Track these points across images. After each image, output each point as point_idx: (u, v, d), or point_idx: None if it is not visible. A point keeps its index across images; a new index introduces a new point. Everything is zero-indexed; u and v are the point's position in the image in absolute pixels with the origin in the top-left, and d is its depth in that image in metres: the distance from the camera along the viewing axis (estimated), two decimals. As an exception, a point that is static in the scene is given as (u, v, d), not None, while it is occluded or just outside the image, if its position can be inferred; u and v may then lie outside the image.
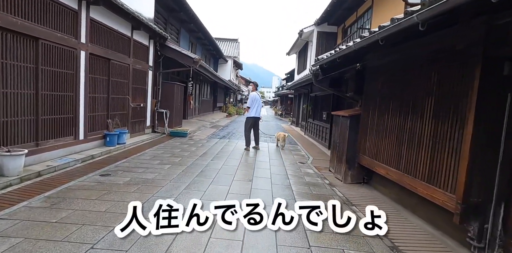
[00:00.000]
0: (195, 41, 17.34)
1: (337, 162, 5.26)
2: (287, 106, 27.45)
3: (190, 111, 14.39)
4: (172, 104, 9.56)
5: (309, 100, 11.90)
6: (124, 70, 6.94)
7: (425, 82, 3.23)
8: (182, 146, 7.23)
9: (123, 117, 7.03)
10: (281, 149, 7.89)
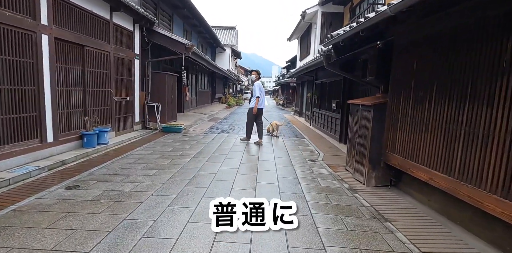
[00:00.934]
0: (190, 29, 16.21)
1: (356, 160, 4.38)
2: (288, 96, 26.43)
3: (186, 103, 13.46)
4: (164, 97, 8.64)
5: (314, 88, 10.93)
6: (103, 59, 5.99)
7: (494, 58, 2.30)
8: (175, 144, 6.37)
9: (105, 113, 6.14)
10: (277, 138, 7.80)
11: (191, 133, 8.09)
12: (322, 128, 9.40)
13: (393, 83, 3.81)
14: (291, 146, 6.73)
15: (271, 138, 7.78)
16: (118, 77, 6.62)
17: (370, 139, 3.99)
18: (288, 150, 6.30)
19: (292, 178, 4.20)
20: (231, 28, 28.01)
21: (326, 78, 9.10)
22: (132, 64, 7.25)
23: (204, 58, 10.60)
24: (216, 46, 23.47)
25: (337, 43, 4.29)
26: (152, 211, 2.86)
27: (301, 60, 15.04)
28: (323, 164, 5.19)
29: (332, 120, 8.21)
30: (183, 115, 11.74)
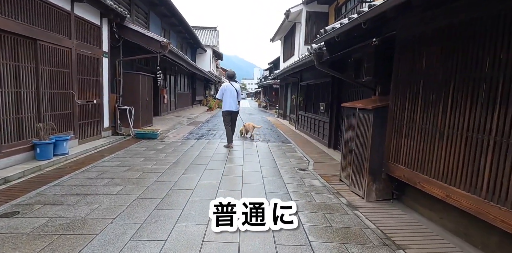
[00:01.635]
0: (168, 28, 15.42)
1: (353, 171, 3.90)
2: (271, 98, 26.04)
3: (165, 106, 12.67)
4: (138, 100, 7.88)
5: (299, 90, 10.50)
6: (62, 56, 5.21)
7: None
8: (148, 153, 5.66)
9: (65, 119, 5.34)
10: (252, 140, 7.68)
11: (168, 139, 7.38)
12: (308, 132, 8.95)
13: (396, 84, 3.36)
14: (277, 153, 6.20)
15: (255, 144, 7.22)
16: (82, 77, 5.84)
17: (370, 147, 3.52)
18: (275, 157, 5.76)
19: (283, 193, 3.64)
20: (212, 29, 27.32)
21: (313, 80, 8.67)
22: (100, 63, 6.48)
23: (183, 58, 9.91)
24: (196, 47, 22.71)
25: (331, 39, 3.80)
26: (107, 249, 2.21)
27: (284, 61, 14.62)
28: (315, 174, 4.68)
29: (319, 124, 7.77)
30: (161, 119, 10.96)
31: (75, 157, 5.04)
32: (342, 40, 3.88)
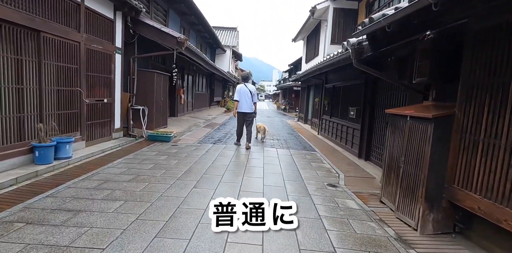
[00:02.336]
0: (188, 27, 15.08)
1: (401, 193, 3.16)
2: (291, 100, 25.28)
3: (181, 107, 12.25)
4: (152, 99, 7.42)
5: (323, 93, 9.75)
6: (70, 50, 4.78)
7: None
8: (158, 158, 5.13)
9: (71, 118, 4.91)
10: (262, 141, 7.57)
11: (182, 143, 6.86)
12: (334, 139, 8.18)
13: (467, 88, 2.61)
14: (302, 163, 5.51)
15: (276, 150, 6.56)
16: (92, 74, 5.41)
17: (427, 167, 2.78)
18: (300, 168, 5.07)
19: (313, 219, 2.96)
20: (232, 29, 26.94)
21: (340, 82, 7.92)
22: (112, 59, 6.05)
23: (201, 56, 9.41)
24: (216, 47, 22.36)
25: (378, 30, 3.09)
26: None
27: (307, 63, 13.88)
28: (348, 192, 3.97)
29: (348, 131, 7.00)
30: (176, 120, 10.52)
31: (78, 161, 4.57)
32: (388, 34, 3.17)
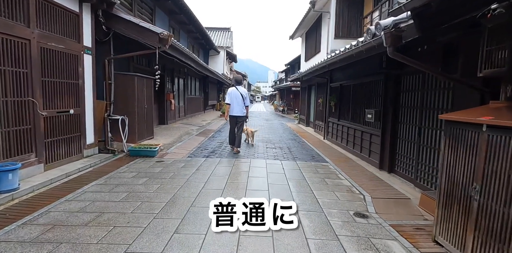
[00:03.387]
0: (178, 27, 14.07)
1: (480, 238, 2.14)
2: (289, 101, 24.29)
3: (172, 113, 11.20)
4: (133, 107, 6.38)
5: (328, 93, 8.74)
6: (15, 50, 3.74)
7: None
8: (136, 183, 4.08)
9: (23, 136, 3.86)
10: (252, 146, 7.25)
11: (169, 158, 5.80)
12: (344, 145, 7.17)
13: None
14: (315, 180, 4.48)
15: (280, 163, 5.54)
16: (51, 80, 4.36)
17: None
18: (313, 188, 4.05)
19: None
20: (226, 30, 26.00)
21: (349, 80, 6.92)
22: (79, 61, 5.00)
23: (190, 56, 8.38)
24: (209, 48, 21.37)
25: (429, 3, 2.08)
26: None
27: (307, 61, 12.90)
28: (385, 225, 2.94)
29: (364, 137, 5.99)
30: (166, 129, 9.46)
31: (29, 193, 3.52)
32: (443, 8, 2.16)
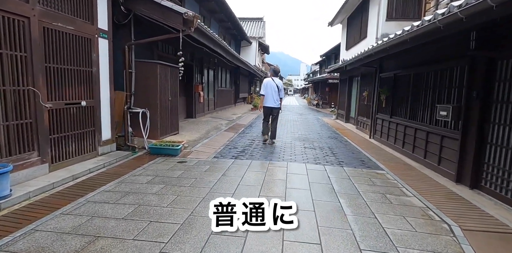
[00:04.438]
0: (209, 16, 13.35)
1: None
2: (324, 95, 22.84)
3: (201, 106, 10.56)
4: (155, 99, 5.71)
5: (377, 85, 7.50)
6: (7, 29, 3.12)
7: None
8: (149, 191, 3.35)
9: (22, 132, 3.28)
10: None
11: (193, 157, 5.06)
12: (399, 147, 5.97)
13: None
14: (372, 195, 3.46)
15: (325, 169, 4.57)
16: (57, 66, 3.74)
17: None
18: (374, 209, 3.04)
19: None
20: (258, 20, 24.95)
21: (409, 68, 5.68)
22: (93, 46, 4.36)
23: (219, 43, 7.55)
24: (241, 38, 20.54)
25: None
26: None
27: (348, 49, 11.56)
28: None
29: (431, 139, 4.78)
30: (194, 123, 8.82)
31: (21, 202, 2.91)
32: None
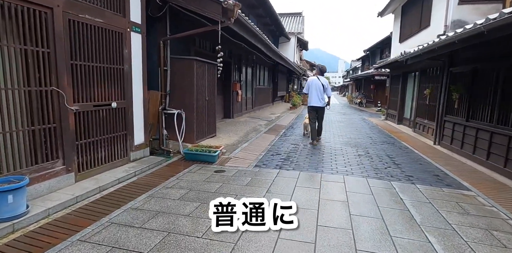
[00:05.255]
0: (246, 11, 12.76)
1: None
2: (369, 93, 21.22)
3: (238, 105, 10.03)
4: (191, 99, 5.22)
5: (446, 81, 6.32)
6: (27, 21, 2.74)
7: None
8: (182, 211, 2.79)
9: (40, 139, 2.90)
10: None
11: (231, 166, 4.47)
12: (482, 159, 4.82)
13: None
14: (472, 232, 2.54)
15: (394, 188, 3.70)
16: (84, 64, 3.34)
17: None
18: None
19: None
20: (297, 15, 23.95)
21: (492, 62, 4.54)
22: (125, 40, 3.93)
23: (260, 36, 6.88)
24: (279, 35, 19.77)
25: None
26: None
27: (403, 41, 10.25)
28: None
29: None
30: (231, 124, 8.29)
31: (39, 220, 2.51)
32: None
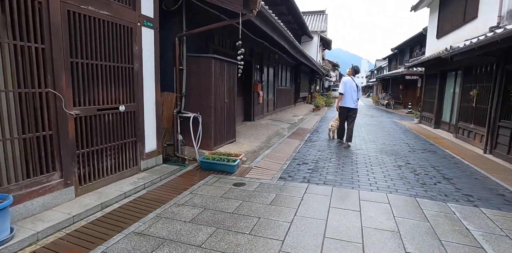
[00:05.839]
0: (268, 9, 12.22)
1: None
2: (397, 93, 20.02)
3: (259, 107, 9.51)
4: (209, 101, 4.76)
5: (501, 81, 5.46)
6: (16, 11, 2.36)
7: None
8: (193, 239, 2.30)
9: (34, 149, 2.51)
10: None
11: (253, 177, 3.94)
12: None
13: None
14: None
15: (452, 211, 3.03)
16: (86, 62, 2.95)
17: None
18: None
19: None
20: (320, 13, 23.13)
21: None
22: (134, 36, 3.52)
23: (284, 32, 6.33)
24: (301, 33, 19.06)
25: None
26: None
27: (441, 37, 9.30)
28: None
29: None
30: (252, 127, 7.78)
31: (24, 248, 2.10)
32: None
